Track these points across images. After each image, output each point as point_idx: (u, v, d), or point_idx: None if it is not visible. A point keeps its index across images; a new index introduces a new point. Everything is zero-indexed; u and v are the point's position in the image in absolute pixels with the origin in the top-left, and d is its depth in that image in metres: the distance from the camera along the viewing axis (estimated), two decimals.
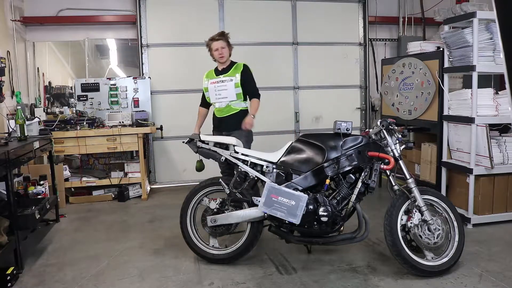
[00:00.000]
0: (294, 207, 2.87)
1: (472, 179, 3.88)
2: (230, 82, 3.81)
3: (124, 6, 5.74)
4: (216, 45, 3.85)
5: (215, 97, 3.84)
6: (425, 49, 4.55)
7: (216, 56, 3.87)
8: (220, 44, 3.85)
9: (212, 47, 3.87)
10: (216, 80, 3.85)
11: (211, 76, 3.91)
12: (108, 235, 3.94)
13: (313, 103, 6.12)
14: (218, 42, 3.85)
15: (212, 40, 3.89)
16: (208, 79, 3.91)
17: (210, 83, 3.87)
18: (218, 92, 3.82)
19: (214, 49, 3.86)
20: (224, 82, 3.81)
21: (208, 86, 3.87)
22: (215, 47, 3.85)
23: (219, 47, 3.84)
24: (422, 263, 2.87)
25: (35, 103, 5.36)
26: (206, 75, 3.95)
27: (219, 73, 3.88)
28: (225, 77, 3.83)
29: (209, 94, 3.87)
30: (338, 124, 3.02)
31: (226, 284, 2.89)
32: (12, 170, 3.11)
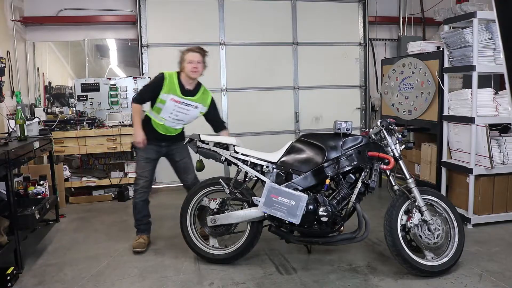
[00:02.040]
0: (294, 207, 2.87)
1: (472, 179, 3.88)
2: (195, 110, 3.46)
3: (124, 6, 5.74)
4: (193, 57, 3.38)
5: (169, 116, 3.41)
6: (425, 49, 4.55)
7: (188, 70, 3.37)
8: (197, 57, 3.39)
9: (186, 58, 3.39)
10: (181, 100, 3.39)
11: (174, 91, 3.39)
12: (108, 235, 3.94)
13: (313, 103, 6.12)
14: (196, 54, 3.40)
15: (189, 51, 3.43)
16: (169, 94, 3.37)
17: (171, 99, 3.37)
18: (176, 113, 3.41)
19: (188, 61, 3.37)
20: (189, 107, 3.42)
21: (168, 102, 3.37)
22: (190, 59, 3.38)
23: (195, 61, 3.38)
24: (422, 263, 2.87)
25: (35, 103, 5.36)
26: (168, 86, 3.37)
27: (185, 93, 3.42)
28: (192, 102, 3.43)
29: (164, 108, 3.39)
30: (338, 124, 3.02)
31: (226, 284, 2.89)
32: (12, 170, 3.11)
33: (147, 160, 3.51)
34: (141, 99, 3.50)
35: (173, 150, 3.59)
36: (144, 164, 3.52)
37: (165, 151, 3.57)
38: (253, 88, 5.93)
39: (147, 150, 3.48)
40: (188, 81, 3.43)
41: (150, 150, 3.50)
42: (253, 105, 5.91)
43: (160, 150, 3.54)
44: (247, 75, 5.90)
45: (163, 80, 3.39)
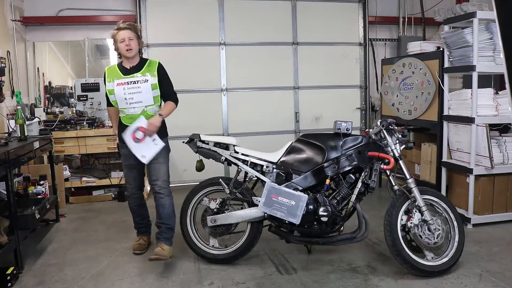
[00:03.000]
0: (294, 207, 2.87)
1: (472, 179, 3.88)
2: (145, 84, 3.13)
3: (124, 6, 5.74)
4: (123, 35, 3.13)
5: (126, 102, 3.12)
6: (425, 49, 4.55)
7: (122, 49, 3.14)
8: (127, 34, 3.14)
9: (117, 38, 3.15)
10: (125, 80, 3.12)
11: (116, 75, 3.16)
12: (108, 235, 3.94)
13: (313, 103, 6.12)
14: (124, 31, 3.14)
15: (118, 30, 3.17)
16: (112, 79, 3.15)
17: (117, 84, 3.12)
18: (130, 95, 3.10)
19: (119, 40, 3.14)
20: (137, 83, 3.13)
21: (115, 88, 3.12)
22: (121, 38, 3.13)
23: (126, 38, 3.12)
24: (422, 263, 2.87)
25: (35, 103, 5.36)
26: (109, 74, 3.19)
27: (127, 72, 3.17)
28: (138, 77, 3.15)
29: (116, 98, 3.13)
30: (338, 124, 3.02)
31: (226, 284, 2.89)
32: (12, 170, 3.11)
33: (128, 167, 3.34)
34: (107, 103, 3.36)
35: None
36: (126, 172, 3.38)
37: None
38: (253, 88, 5.93)
39: (125, 156, 3.28)
40: (128, 62, 3.20)
41: (127, 156, 3.23)
42: (253, 105, 5.91)
43: None
44: (247, 75, 5.91)
45: (105, 73, 3.24)
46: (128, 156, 3.23)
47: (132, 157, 3.17)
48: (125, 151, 3.23)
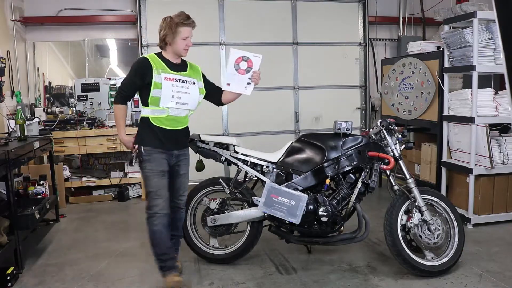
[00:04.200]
0: (294, 207, 2.87)
1: (472, 179, 3.88)
2: (193, 86, 2.86)
3: (124, 6, 5.74)
4: (188, 32, 2.80)
5: (172, 101, 2.75)
6: (425, 49, 4.55)
7: (181, 47, 2.80)
8: (191, 32, 2.83)
9: (181, 32, 2.77)
10: (173, 76, 2.78)
11: (163, 68, 2.78)
12: (108, 235, 3.94)
13: (313, 103, 6.12)
14: (190, 29, 2.81)
15: (184, 24, 2.78)
16: (159, 71, 2.75)
17: (165, 78, 2.74)
18: (178, 94, 2.77)
19: (183, 36, 2.78)
20: (186, 83, 2.82)
21: (164, 83, 2.72)
22: (186, 35, 2.79)
23: (189, 37, 2.82)
24: (422, 263, 2.87)
25: (35, 103, 5.36)
26: (155, 64, 2.77)
27: (174, 67, 2.83)
28: (186, 77, 2.85)
29: (162, 94, 2.72)
30: (338, 124, 3.02)
31: (226, 284, 2.89)
32: (12, 170, 3.11)
33: (161, 174, 2.76)
34: (125, 95, 2.81)
35: (182, 160, 2.92)
36: (158, 180, 2.75)
37: (174, 161, 2.87)
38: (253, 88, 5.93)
39: (158, 160, 2.76)
40: (174, 58, 2.87)
41: (161, 160, 2.77)
42: (253, 105, 5.90)
43: (170, 159, 2.84)
44: None
45: (148, 61, 2.77)
46: (161, 161, 2.77)
47: (166, 162, 2.80)
48: (158, 156, 2.76)
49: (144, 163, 2.76)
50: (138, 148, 2.78)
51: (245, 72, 2.93)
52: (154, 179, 2.75)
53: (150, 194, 2.76)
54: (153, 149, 2.76)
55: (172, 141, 2.81)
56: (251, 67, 2.92)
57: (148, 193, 2.77)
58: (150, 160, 2.75)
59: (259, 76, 2.95)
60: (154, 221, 2.74)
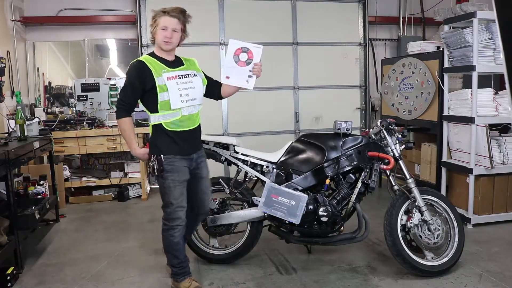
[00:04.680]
0: (294, 207, 2.87)
1: (472, 179, 3.88)
2: (196, 78, 2.68)
3: (124, 6, 5.74)
4: (168, 22, 2.55)
5: (181, 100, 2.56)
6: (425, 49, 4.55)
7: (159, 38, 2.57)
8: (174, 23, 2.56)
9: (159, 23, 2.55)
10: (175, 74, 2.59)
11: (161, 68, 2.57)
12: (108, 235, 3.94)
13: (313, 103, 6.12)
14: (172, 20, 2.56)
15: (164, 13, 2.55)
16: (159, 72, 2.55)
17: (168, 78, 2.54)
18: (185, 91, 2.58)
19: (161, 26, 2.55)
20: (188, 77, 2.64)
21: (167, 83, 2.53)
22: (164, 24, 2.54)
23: (170, 28, 2.55)
24: (422, 263, 2.87)
25: (35, 103, 5.36)
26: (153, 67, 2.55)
27: (172, 65, 2.64)
28: (186, 71, 2.67)
29: (171, 95, 2.53)
30: (338, 124, 3.02)
31: (226, 284, 2.89)
32: (12, 170, 3.11)
33: (181, 185, 2.64)
34: (128, 106, 2.64)
35: (201, 163, 2.78)
36: (182, 190, 2.64)
37: (194, 165, 2.72)
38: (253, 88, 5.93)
39: (181, 170, 2.62)
40: (166, 54, 2.65)
41: (183, 169, 2.63)
42: (253, 105, 5.91)
43: (191, 164, 2.70)
44: None
45: (145, 63, 2.56)
46: (183, 170, 2.63)
47: (187, 170, 2.66)
48: (180, 165, 2.61)
49: (166, 173, 2.59)
50: (157, 157, 2.60)
51: (245, 64, 2.75)
52: (176, 190, 2.61)
53: (171, 206, 2.62)
54: (174, 157, 2.60)
55: (190, 143, 2.66)
56: (252, 58, 2.73)
57: (169, 205, 2.63)
58: (172, 170, 2.59)
59: (261, 68, 2.76)
60: (174, 233, 2.64)
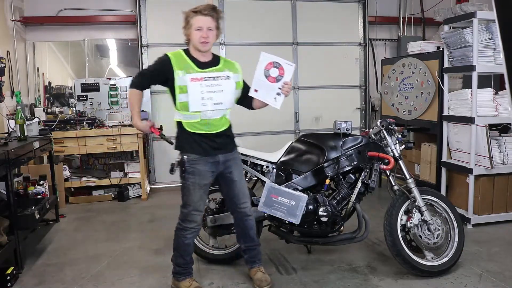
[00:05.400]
0: (294, 207, 2.87)
1: (472, 179, 3.88)
2: (227, 81, 2.57)
3: (124, 6, 5.74)
4: (203, 22, 2.49)
5: (202, 103, 2.49)
6: (425, 49, 4.55)
7: (195, 39, 2.51)
8: (208, 22, 2.50)
9: (193, 23, 2.50)
10: (201, 75, 2.50)
11: (188, 67, 2.51)
12: (108, 235, 3.94)
13: (313, 103, 6.12)
14: (206, 18, 2.50)
15: (197, 13, 2.50)
16: (184, 71, 2.48)
17: (191, 79, 2.47)
18: (209, 95, 2.50)
19: (195, 27, 2.50)
20: (217, 79, 2.53)
21: (188, 85, 2.46)
22: (199, 25, 2.49)
23: (205, 27, 2.50)
24: (422, 263, 2.87)
25: (35, 103, 5.36)
26: (179, 64, 2.50)
27: (202, 65, 2.55)
28: (218, 72, 2.57)
29: (190, 98, 2.47)
30: (338, 124, 3.02)
31: (226, 284, 2.89)
32: (12, 170, 3.11)
33: (204, 188, 2.60)
34: (140, 83, 2.60)
35: (232, 165, 2.67)
36: (201, 194, 2.60)
37: (222, 168, 2.64)
38: None
39: (202, 173, 2.56)
40: (200, 55, 2.57)
41: (206, 173, 2.57)
42: None
43: (217, 167, 2.62)
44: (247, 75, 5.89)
45: (169, 62, 2.51)
46: (205, 174, 2.57)
47: (210, 173, 2.60)
48: (203, 168, 2.55)
49: (187, 174, 2.54)
50: (181, 156, 2.57)
51: (275, 80, 2.62)
52: (195, 193, 2.57)
53: (188, 208, 2.59)
54: (197, 159, 2.54)
55: (213, 146, 2.57)
56: (282, 75, 2.61)
57: (186, 206, 2.60)
58: (194, 173, 2.54)
59: (290, 88, 2.66)
60: (187, 235, 2.63)
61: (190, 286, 2.70)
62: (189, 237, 2.64)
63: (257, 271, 2.81)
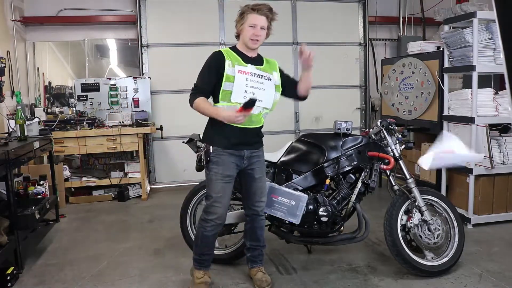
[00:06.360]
0: (294, 207, 2.87)
1: (472, 179, 3.88)
2: (269, 82, 2.62)
3: (124, 6, 5.74)
4: (257, 20, 2.56)
5: (244, 96, 2.51)
6: (425, 49, 4.55)
7: (247, 36, 2.57)
8: (263, 21, 2.57)
9: (248, 19, 2.56)
10: (248, 70, 2.56)
11: (237, 60, 2.58)
12: (108, 235, 3.94)
13: (313, 103, 6.09)
14: (262, 18, 2.57)
15: (254, 10, 2.56)
16: (233, 63, 2.55)
17: (239, 72, 2.53)
18: (252, 89, 2.53)
19: (249, 23, 2.55)
20: (261, 78, 2.59)
21: (237, 77, 2.51)
22: (253, 22, 2.55)
23: (259, 26, 2.56)
24: (422, 263, 2.87)
25: (35, 103, 5.36)
26: (229, 56, 2.58)
27: (250, 61, 2.61)
28: (262, 71, 2.62)
29: (234, 87, 2.52)
30: (338, 124, 3.02)
31: (226, 284, 2.89)
32: (12, 170, 3.11)
33: (227, 180, 2.59)
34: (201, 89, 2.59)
35: (255, 162, 2.69)
36: (223, 185, 2.59)
37: (246, 164, 2.66)
38: None
39: (226, 164, 2.57)
40: (247, 50, 2.65)
41: (230, 164, 2.59)
42: None
43: (241, 162, 2.63)
44: None
45: (222, 54, 2.58)
46: (229, 165, 2.59)
47: (235, 166, 2.61)
48: (227, 158, 2.58)
49: (211, 164, 2.58)
50: (207, 147, 2.61)
51: None
52: (218, 183, 2.58)
53: (210, 199, 2.61)
54: (222, 150, 2.57)
55: (242, 140, 2.59)
56: None
57: (209, 197, 2.63)
58: (218, 163, 2.57)
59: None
60: (207, 227, 2.64)
61: (200, 278, 2.73)
62: (209, 230, 2.64)
63: (258, 271, 2.84)
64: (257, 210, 2.76)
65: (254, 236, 2.83)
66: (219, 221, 2.63)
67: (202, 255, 2.74)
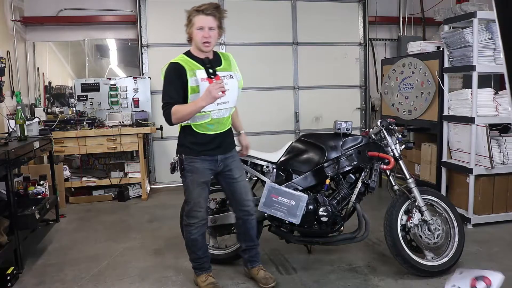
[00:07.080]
0: (294, 207, 2.87)
1: (472, 179, 3.88)
2: (231, 80, 2.58)
3: (124, 6, 5.74)
4: (204, 21, 2.49)
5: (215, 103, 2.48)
6: (425, 49, 4.55)
7: (198, 39, 2.52)
8: (210, 22, 2.50)
9: (195, 22, 2.51)
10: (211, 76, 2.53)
11: (195, 67, 2.51)
12: (108, 235, 3.94)
13: (313, 103, 6.12)
14: (208, 18, 2.49)
15: (199, 12, 2.50)
16: (194, 72, 2.49)
17: (202, 79, 2.48)
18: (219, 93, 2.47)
19: (197, 26, 2.50)
20: (224, 79, 2.53)
21: (201, 85, 2.46)
22: (200, 24, 2.49)
23: (207, 27, 2.50)
24: (422, 263, 2.87)
25: (35, 103, 5.36)
26: (188, 66, 2.50)
27: (207, 63, 2.56)
28: (223, 72, 2.59)
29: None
30: (338, 124, 3.03)
31: (226, 284, 2.89)
32: (12, 170, 3.11)
33: (203, 186, 2.65)
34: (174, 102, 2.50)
35: (230, 163, 2.70)
36: (200, 191, 2.64)
37: (221, 166, 2.68)
38: (253, 88, 5.93)
39: (201, 171, 2.60)
40: (203, 54, 2.58)
41: (204, 170, 2.62)
42: (253, 105, 5.90)
43: (216, 165, 2.65)
44: (247, 75, 5.87)
45: (180, 64, 2.52)
46: (203, 172, 2.61)
47: (210, 171, 2.64)
48: (200, 165, 2.60)
49: (186, 172, 2.61)
50: (180, 156, 2.62)
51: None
52: (195, 190, 2.63)
53: (190, 204, 2.66)
54: (195, 158, 2.59)
55: (215, 145, 2.61)
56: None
57: (188, 203, 2.68)
58: (191, 170, 2.60)
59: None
60: (192, 231, 2.69)
61: (206, 281, 2.76)
62: (194, 233, 2.69)
63: (259, 270, 2.85)
64: (247, 210, 2.77)
65: (248, 236, 2.85)
66: (202, 222, 2.70)
67: (198, 259, 2.78)
